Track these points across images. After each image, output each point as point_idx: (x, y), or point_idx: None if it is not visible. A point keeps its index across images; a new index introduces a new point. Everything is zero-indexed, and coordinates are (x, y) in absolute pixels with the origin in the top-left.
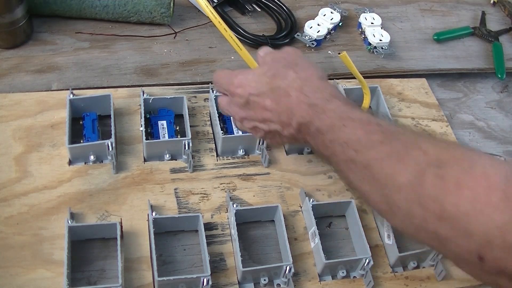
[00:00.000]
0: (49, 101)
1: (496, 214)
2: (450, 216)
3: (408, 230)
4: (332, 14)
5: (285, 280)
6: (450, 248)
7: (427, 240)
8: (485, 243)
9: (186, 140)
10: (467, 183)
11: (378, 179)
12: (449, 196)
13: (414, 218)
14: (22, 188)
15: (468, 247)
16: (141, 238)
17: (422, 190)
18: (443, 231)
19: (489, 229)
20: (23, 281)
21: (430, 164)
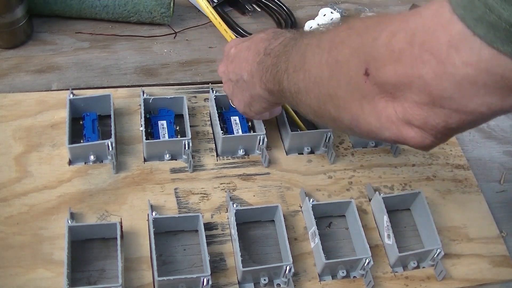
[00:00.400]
0: (49, 101)
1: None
2: (349, 42)
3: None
4: (332, 14)
5: (285, 280)
6: (344, 70)
7: (324, 68)
8: (371, 57)
9: (186, 140)
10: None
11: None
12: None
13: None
14: (22, 188)
15: (358, 62)
16: (141, 238)
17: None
18: (340, 56)
19: (377, 46)
20: (23, 281)
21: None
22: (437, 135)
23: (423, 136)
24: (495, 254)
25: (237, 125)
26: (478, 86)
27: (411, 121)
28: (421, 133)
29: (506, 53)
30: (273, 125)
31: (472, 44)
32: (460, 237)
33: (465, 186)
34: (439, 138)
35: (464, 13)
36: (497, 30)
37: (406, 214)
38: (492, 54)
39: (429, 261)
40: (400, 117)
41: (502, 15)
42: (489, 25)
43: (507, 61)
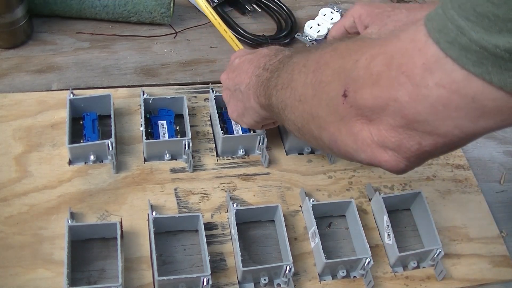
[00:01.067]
0: (49, 101)
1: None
2: (332, 63)
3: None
4: (332, 14)
5: (285, 280)
6: (326, 91)
7: (308, 87)
8: (350, 79)
9: (186, 140)
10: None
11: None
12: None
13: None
14: (22, 188)
15: (338, 84)
16: (141, 238)
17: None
18: (324, 77)
19: (357, 68)
20: (23, 281)
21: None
22: (411, 158)
23: (397, 160)
24: (495, 254)
25: (237, 125)
26: (450, 109)
27: (386, 144)
28: (395, 156)
29: (476, 75)
30: None
31: (445, 66)
32: (460, 237)
33: (465, 186)
34: (413, 162)
35: (438, 36)
36: (468, 52)
37: (406, 214)
38: (464, 76)
39: (429, 261)
40: (375, 140)
41: (472, 37)
42: (461, 47)
43: (478, 83)
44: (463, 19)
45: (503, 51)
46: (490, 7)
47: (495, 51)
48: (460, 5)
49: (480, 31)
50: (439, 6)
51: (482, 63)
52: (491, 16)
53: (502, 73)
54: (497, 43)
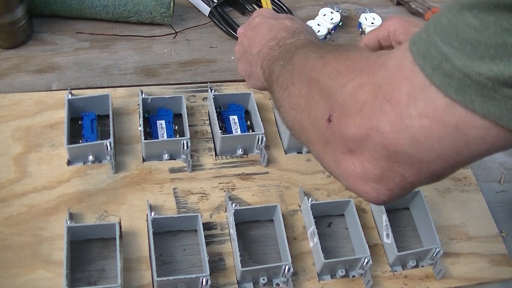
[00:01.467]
0: (48, 101)
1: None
2: (321, 82)
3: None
4: (332, 14)
5: (284, 280)
6: (314, 109)
7: (302, 98)
8: (336, 104)
9: (184, 140)
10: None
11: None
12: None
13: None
14: (21, 189)
15: (325, 106)
16: (140, 238)
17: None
18: (315, 94)
19: (343, 94)
20: (23, 281)
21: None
22: (394, 190)
23: (379, 192)
24: (494, 253)
25: (235, 125)
26: (433, 139)
27: (368, 176)
28: (377, 188)
29: (459, 103)
30: (272, 124)
31: (428, 94)
32: (459, 236)
33: (464, 184)
34: (395, 194)
35: (423, 63)
36: (451, 79)
37: (405, 213)
38: (447, 103)
39: (428, 260)
40: (357, 170)
41: (456, 64)
42: (444, 74)
43: (461, 111)
44: (446, 45)
45: (486, 79)
46: (472, 33)
47: (478, 78)
48: (443, 30)
49: (463, 58)
50: (423, 29)
51: (465, 91)
52: (473, 42)
53: (485, 102)
54: (480, 70)
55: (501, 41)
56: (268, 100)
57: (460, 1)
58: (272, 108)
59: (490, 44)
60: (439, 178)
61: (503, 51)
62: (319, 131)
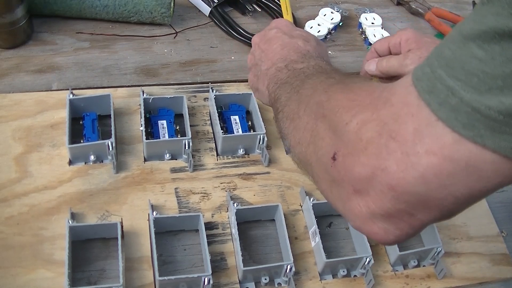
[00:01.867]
0: (49, 101)
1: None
2: (327, 117)
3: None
4: (332, 14)
5: (286, 279)
6: (319, 145)
7: (307, 133)
8: (341, 142)
9: (186, 140)
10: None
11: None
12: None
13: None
14: (22, 188)
15: (329, 143)
16: (142, 238)
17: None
18: (321, 130)
19: (347, 131)
20: (24, 281)
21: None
22: (404, 229)
23: (388, 232)
24: (495, 253)
25: (237, 125)
26: (443, 177)
27: (375, 216)
28: (385, 228)
29: (468, 138)
30: (273, 124)
31: (435, 130)
32: (460, 236)
33: None
34: (405, 233)
35: (429, 98)
36: (458, 114)
37: None
38: (455, 139)
39: (429, 260)
40: (363, 211)
41: (463, 97)
42: (451, 109)
43: (470, 146)
44: (452, 79)
45: (497, 113)
46: (478, 64)
47: (488, 112)
48: (447, 63)
49: (471, 91)
50: (426, 64)
51: (474, 126)
52: (480, 73)
53: (495, 136)
54: (489, 104)
55: (509, 71)
56: None
57: (463, 32)
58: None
59: (498, 75)
60: (450, 215)
61: (511, 81)
62: (324, 169)
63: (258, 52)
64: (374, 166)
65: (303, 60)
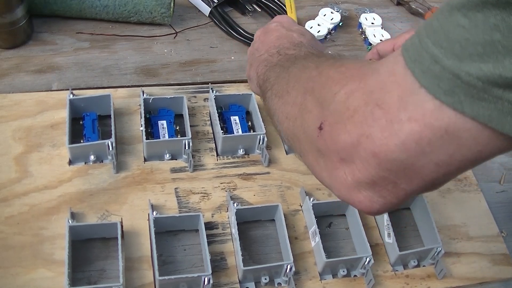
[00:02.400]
0: (49, 101)
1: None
2: (316, 91)
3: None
4: (332, 14)
5: (286, 279)
6: (306, 118)
7: (295, 108)
8: (328, 112)
9: (186, 140)
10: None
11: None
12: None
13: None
14: (23, 188)
15: (317, 115)
16: (142, 238)
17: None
18: (308, 103)
19: (335, 102)
20: (24, 281)
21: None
22: (387, 198)
23: (372, 200)
24: (495, 253)
25: (237, 125)
26: (423, 144)
27: (360, 184)
28: (370, 197)
29: (448, 105)
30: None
31: (418, 98)
32: (460, 236)
33: (464, 185)
34: (389, 202)
35: (414, 66)
36: (441, 81)
37: (406, 213)
38: (435, 106)
39: (429, 260)
40: (349, 179)
41: (445, 64)
42: (434, 76)
43: (450, 113)
44: (436, 47)
45: (476, 79)
46: (461, 32)
47: (467, 79)
48: (434, 32)
49: (452, 58)
50: (415, 35)
51: (454, 92)
52: (462, 41)
53: (474, 103)
54: (469, 70)
55: (489, 38)
56: None
57: (450, 2)
58: None
59: (478, 42)
60: (433, 185)
61: (490, 48)
62: (311, 141)
63: (258, 43)
64: (359, 133)
65: (295, 48)
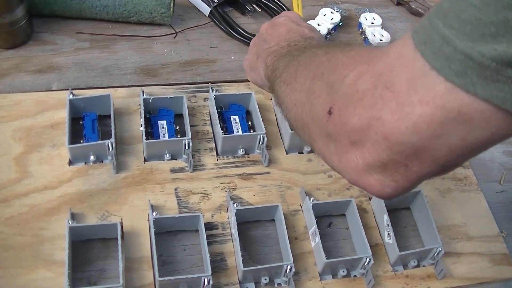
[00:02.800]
0: (49, 101)
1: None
2: (325, 76)
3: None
4: (332, 14)
5: (286, 280)
6: (315, 103)
7: (304, 94)
8: (337, 96)
9: (186, 140)
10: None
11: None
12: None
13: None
14: (23, 189)
15: (326, 99)
16: (142, 238)
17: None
18: (317, 88)
19: (344, 85)
20: (24, 281)
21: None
22: (399, 181)
23: (384, 184)
24: (495, 253)
25: (237, 125)
26: (435, 126)
27: (371, 168)
28: (381, 180)
29: (460, 87)
30: (273, 125)
31: (428, 80)
32: (460, 236)
33: (464, 184)
34: (401, 186)
35: (424, 48)
36: (452, 62)
37: (406, 213)
38: (447, 88)
39: (429, 260)
40: (360, 163)
41: (457, 45)
42: (445, 58)
43: (463, 95)
44: (447, 28)
45: (489, 60)
46: (473, 11)
47: (480, 60)
48: (445, 13)
49: (464, 39)
50: (426, 17)
51: (466, 74)
52: (474, 20)
53: (487, 85)
54: (482, 51)
55: (502, 17)
56: (269, 100)
57: None
58: (273, 109)
59: (491, 22)
60: (445, 169)
61: (504, 28)
62: (320, 126)
63: (265, 35)
64: (369, 116)
65: (306, 41)
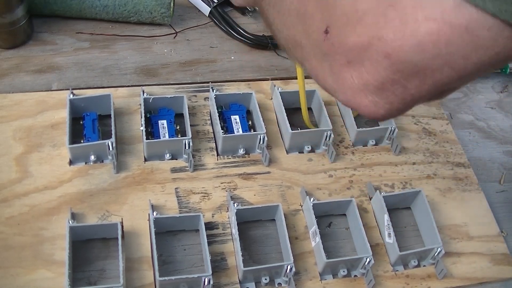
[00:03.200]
0: (49, 101)
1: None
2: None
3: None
4: None
5: (286, 279)
6: (309, 23)
7: (293, 13)
8: (334, 15)
9: (186, 140)
10: None
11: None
12: None
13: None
14: (23, 189)
15: (321, 19)
16: (142, 238)
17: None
18: (309, 8)
19: (342, 4)
20: (24, 281)
21: None
22: (394, 103)
23: (378, 105)
24: (495, 252)
25: (237, 124)
26: (440, 44)
27: (367, 88)
28: (376, 101)
29: (469, 1)
30: (274, 124)
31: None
32: (461, 236)
33: (465, 184)
34: (395, 108)
35: None
36: None
37: (407, 212)
38: (455, 3)
39: (429, 260)
40: (356, 82)
41: None
42: None
43: (471, 10)
44: None
45: None
46: None
47: None
48: None
49: None
50: None
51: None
52: None
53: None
54: None
55: None
56: (269, 100)
57: None
58: (273, 108)
59: None
60: (442, 93)
61: None
62: (315, 45)
63: None
64: (370, 35)
65: None
